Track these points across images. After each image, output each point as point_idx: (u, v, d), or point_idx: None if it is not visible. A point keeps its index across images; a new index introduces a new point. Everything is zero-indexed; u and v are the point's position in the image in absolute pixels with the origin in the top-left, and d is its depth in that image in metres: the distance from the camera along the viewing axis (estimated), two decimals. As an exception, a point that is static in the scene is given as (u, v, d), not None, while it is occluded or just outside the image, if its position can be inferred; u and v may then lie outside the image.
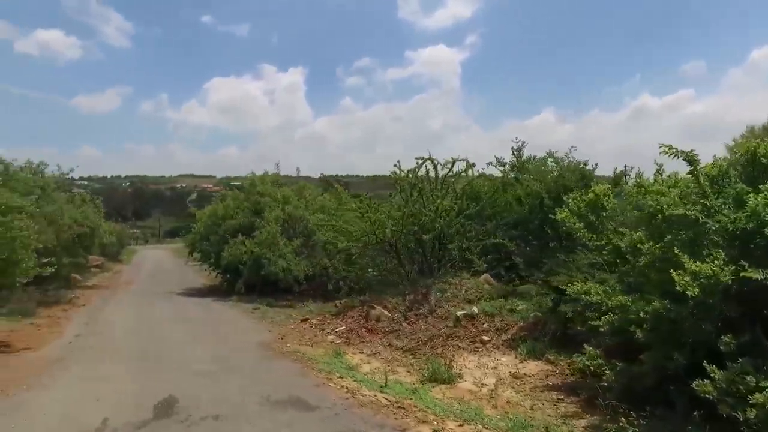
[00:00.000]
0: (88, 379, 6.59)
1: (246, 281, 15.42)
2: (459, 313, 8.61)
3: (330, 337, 9.33)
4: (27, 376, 6.63)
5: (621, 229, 5.56)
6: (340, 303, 11.20)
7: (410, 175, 10.99)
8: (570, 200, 7.05)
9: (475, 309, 8.66)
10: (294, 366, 7.39)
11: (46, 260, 9.48)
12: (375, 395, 5.79)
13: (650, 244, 4.88)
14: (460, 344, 8.00)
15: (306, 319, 10.70)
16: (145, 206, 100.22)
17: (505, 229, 11.70)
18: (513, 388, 6.26)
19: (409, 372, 7.34)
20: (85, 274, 24.21)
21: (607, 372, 5.08)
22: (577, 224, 6.34)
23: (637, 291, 5.10)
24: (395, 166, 11.81)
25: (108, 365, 7.34)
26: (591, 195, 6.70)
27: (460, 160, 11.30)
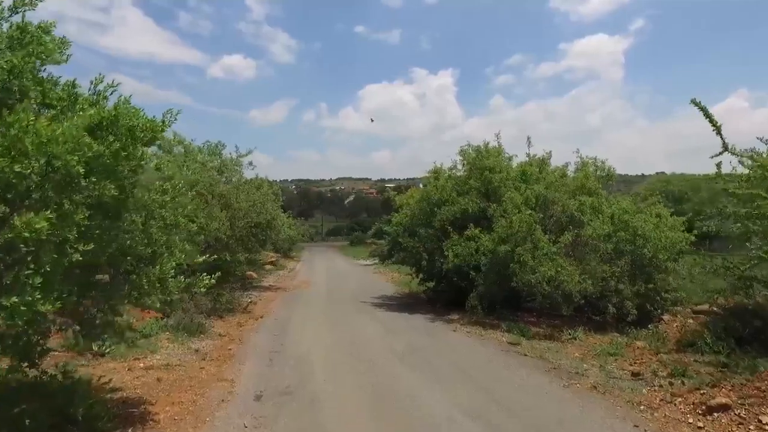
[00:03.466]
0: None
1: (482, 294, 10.11)
2: None
3: None
4: None
5: None
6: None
7: None
8: None
9: None
10: None
11: (218, 256, 5.17)
12: None
13: None
14: None
15: (720, 407, 4.71)
16: (308, 207, 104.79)
17: None
18: None
19: None
20: (260, 272, 21.73)
21: None
22: None
23: None
24: None
25: None
26: None
27: None
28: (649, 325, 10.08)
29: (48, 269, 2.64)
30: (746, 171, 6.72)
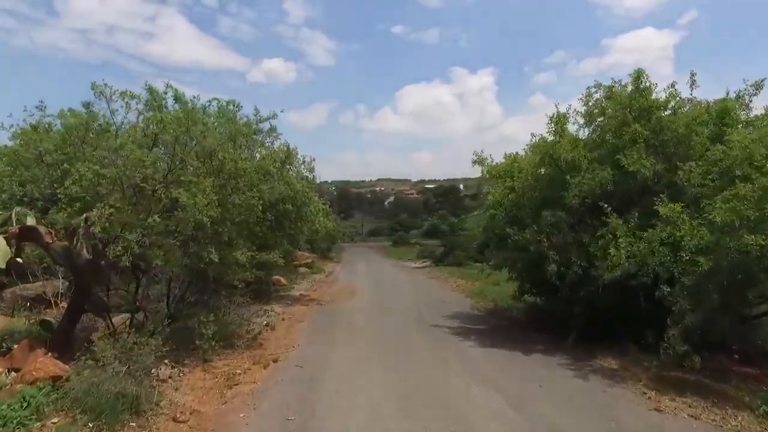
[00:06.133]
0: None
1: (688, 326, 5.21)
2: None
3: None
4: None
5: None
6: None
7: None
8: None
9: None
10: None
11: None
12: None
13: None
14: None
15: None
16: (348, 208, 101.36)
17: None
18: None
19: None
20: (290, 276, 17.40)
21: None
22: None
23: None
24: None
25: None
26: None
27: None
28: None
29: None
30: None
